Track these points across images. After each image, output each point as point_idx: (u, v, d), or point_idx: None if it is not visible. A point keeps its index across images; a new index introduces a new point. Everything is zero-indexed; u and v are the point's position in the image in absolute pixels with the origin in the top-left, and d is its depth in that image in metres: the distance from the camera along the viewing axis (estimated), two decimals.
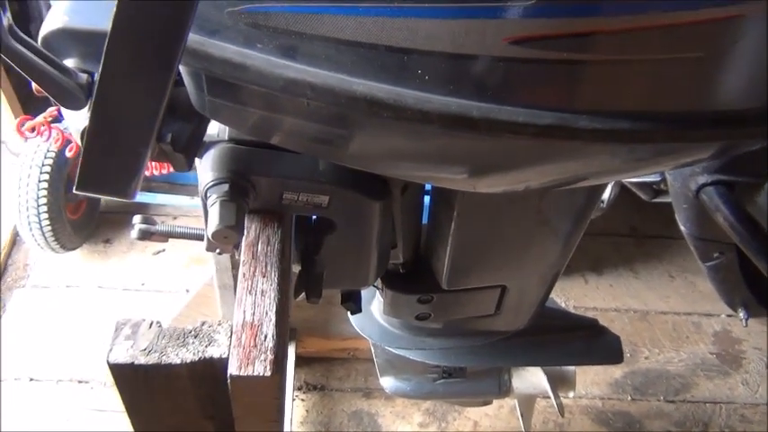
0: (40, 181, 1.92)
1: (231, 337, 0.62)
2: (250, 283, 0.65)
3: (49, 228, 1.97)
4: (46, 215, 1.95)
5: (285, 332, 0.65)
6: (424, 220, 0.99)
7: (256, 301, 0.64)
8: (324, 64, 0.51)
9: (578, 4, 0.47)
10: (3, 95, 2.13)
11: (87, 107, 0.57)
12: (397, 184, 0.77)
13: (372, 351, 1.35)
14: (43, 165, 1.93)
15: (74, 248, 2.18)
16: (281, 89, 0.52)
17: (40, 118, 1.64)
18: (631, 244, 2.50)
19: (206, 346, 0.62)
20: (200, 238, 0.78)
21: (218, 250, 0.78)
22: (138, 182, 0.53)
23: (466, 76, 0.50)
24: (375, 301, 1.16)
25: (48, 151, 1.94)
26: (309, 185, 0.69)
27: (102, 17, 0.57)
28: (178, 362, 0.61)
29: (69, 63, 0.57)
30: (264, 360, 0.59)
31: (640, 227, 2.54)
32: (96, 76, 0.56)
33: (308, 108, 0.54)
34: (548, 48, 0.48)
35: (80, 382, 1.95)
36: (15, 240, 2.28)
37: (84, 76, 0.56)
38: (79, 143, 0.60)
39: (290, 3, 0.48)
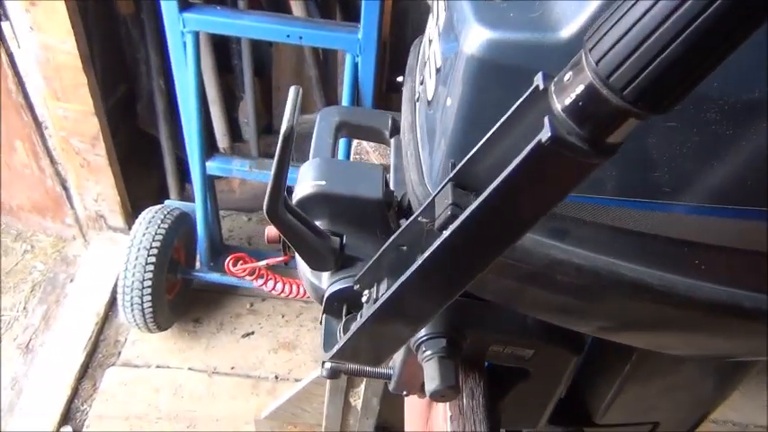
0: (146, 263, 1.93)
1: None
2: None
3: (150, 309, 1.98)
4: (149, 297, 1.95)
5: None
6: None
7: None
8: (592, 247, 0.51)
9: None
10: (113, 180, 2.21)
11: (332, 269, 0.57)
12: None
13: None
14: (151, 247, 1.94)
15: (167, 328, 2.18)
16: (544, 267, 0.52)
17: (261, 263, 1.83)
18: None
19: None
20: (388, 377, 0.77)
21: (404, 391, 0.77)
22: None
23: (743, 268, 0.49)
24: None
25: (156, 234, 1.96)
26: (519, 340, 0.68)
27: (353, 183, 0.58)
28: None
29: (318, 224, 0.58)
30: None
31: None
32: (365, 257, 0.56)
33: (562, 282, 0.54)
34: None
35: None
36: (108, 316, 2.30)
37: (336, 240, 0.56)
38: (316, 300, 0.60)
39: (577, 193, 0.48)
